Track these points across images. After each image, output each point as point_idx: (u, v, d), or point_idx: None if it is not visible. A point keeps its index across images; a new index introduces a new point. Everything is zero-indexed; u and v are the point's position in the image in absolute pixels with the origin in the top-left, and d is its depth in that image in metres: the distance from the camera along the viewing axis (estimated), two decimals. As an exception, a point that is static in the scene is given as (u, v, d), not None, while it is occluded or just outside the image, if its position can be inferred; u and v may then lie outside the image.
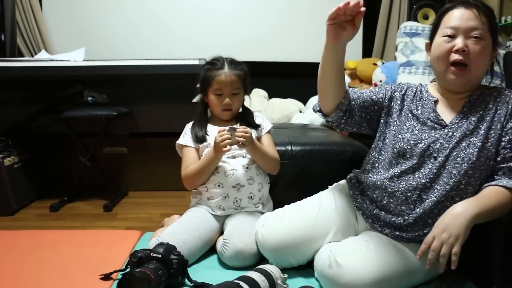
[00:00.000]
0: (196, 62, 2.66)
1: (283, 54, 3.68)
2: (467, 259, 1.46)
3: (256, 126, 1.91)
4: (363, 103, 1.56)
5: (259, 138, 1.92)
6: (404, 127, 1.50)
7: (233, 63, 1.87)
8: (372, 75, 3.05)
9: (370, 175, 1.56)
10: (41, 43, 3.55)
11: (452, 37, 1.40)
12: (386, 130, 1.56)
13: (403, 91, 1.58)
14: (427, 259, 1.30)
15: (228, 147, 1.70)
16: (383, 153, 1.54)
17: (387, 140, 1.54)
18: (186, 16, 3.64)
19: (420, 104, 1.52)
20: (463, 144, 1.39)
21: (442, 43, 1.42)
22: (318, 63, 1.48)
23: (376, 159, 1.57)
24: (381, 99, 1.58)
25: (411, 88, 1.59)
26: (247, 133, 1.70)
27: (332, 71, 1.46)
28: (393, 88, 1.60)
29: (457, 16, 1.40)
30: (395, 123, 1.53)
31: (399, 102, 1.56)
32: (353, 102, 1.55)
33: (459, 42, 1.38)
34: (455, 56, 1.39)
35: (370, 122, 1.59)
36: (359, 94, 1.58)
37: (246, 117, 1.94)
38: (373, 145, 1.62)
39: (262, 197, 1.87)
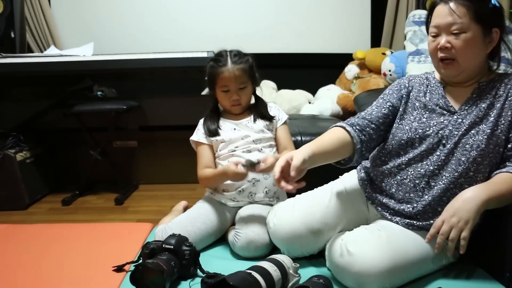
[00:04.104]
0: (205, 55, 2.65)
1: (292, 45, 3.66)
2: (479, 246, 1.46)
3: (270, 118, 1.89)
4: (378, 126, 1.55)
5: (276, 129, 1.91)
6: (411, 117, 1.50)
7: (236, 56, 1.82)
8: (381, 65, 3.03)
9: (378, 166, 1.56)
10: (50, 39, 3.56)
11: (436, 35, 1.41)
12: (393, 123, 1.56)
13: (409, 87, 1.56)
14: (436, 243, 1.31)
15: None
16: (390, 146, 1.53)
17: (394, 132, 1.53)
18: (194, 8, 3.63)
19: (428, 91, 1.52)
20: (472, 131, 1.39)
21: (430, 42, 1.44)
22: (326, 54, 1.48)
23: (383, 152, 1.56)
24: (392, 107, 1.56)
25: (415, 79, 1.58)
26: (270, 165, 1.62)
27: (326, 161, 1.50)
28: (396, 88, 1.58)
29: (437, 13, 1.40)
30: (401, 116, 1.53)
31: (404, 96, 1.55)
32: (368, 129, 1.53)
33: (441, 40, 1.39)
34: (440, 54, 1.40)
35: (387, 133, 1.58)
36: (368, 121, 1.54)
37: (259, 108, 1.91)
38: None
39: (277, 191, 1.85)
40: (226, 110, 1.92)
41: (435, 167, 1.42)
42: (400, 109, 1.54)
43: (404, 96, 1.55)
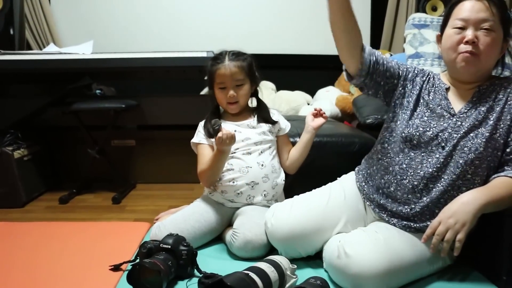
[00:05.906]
0: (204, 55, 2.65)
1: (291, 46, 3.66)
2: (476, 249, 1.47)
3: (273, 122, 1.89)
4: (385, 72, 1.53)
5: (277, 138, 1.91)
6: (415, 113, 1.51)
7: (234, 54, 1.83)
8: (380, 67, 3.03)
9: (380, 156, 1.57)
10: (50, 36, 3.56)
11: (462, 28, 1.40)
12: (400, 112, 1.55)
13: (425, 78, 1.56)
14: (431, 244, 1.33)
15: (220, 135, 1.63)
16: (394, 134, 1.54)
17: (398, 123, 1.53)
18: (194, 8, 3.63)
19: (432, 90, 1.52)
20: (471, 134, 1.40)
21: (453, 34, 1.42)
22: (325, 55, 1.48)
23: (387, 140, 1.57)
24: (400, 76, 1.56)
25: (427, 74, 1.58)
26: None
27: (339, 11, 1.43)
28: (416, 72, 1.57)
29: (468, 8, 1.40)
30: (408, 107, 1.53)
31: (417, 88, 1.54)
32: (376, 66, 1.51)
33: (469, 33, 1.38)
34: (464, 48, 1.39)
35: (386, 92, 1.58)
36: (385, 62, 1.53)
37: (261, 112, 1.91)
38: (384, 125, 1.62)
39: (276, 194, 1.85)
40: (224, 110, 1.91)
41: (434, 169, 1.42)
42: (406, 95, 1.54)
43: (417, 83, 1.54)
